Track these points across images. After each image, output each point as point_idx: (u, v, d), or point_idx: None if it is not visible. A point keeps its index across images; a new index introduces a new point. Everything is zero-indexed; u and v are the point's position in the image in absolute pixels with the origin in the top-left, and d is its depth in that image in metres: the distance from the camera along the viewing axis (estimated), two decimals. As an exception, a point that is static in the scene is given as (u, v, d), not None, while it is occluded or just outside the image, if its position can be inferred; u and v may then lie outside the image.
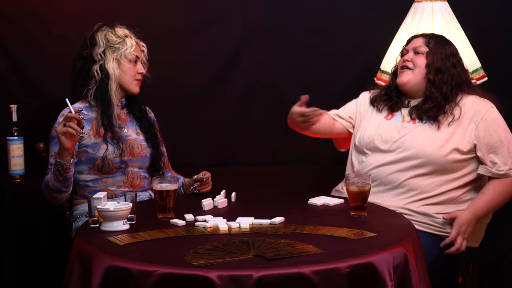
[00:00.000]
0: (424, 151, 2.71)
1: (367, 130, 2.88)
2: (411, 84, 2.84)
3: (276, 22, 3.57)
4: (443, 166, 2.70)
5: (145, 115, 2.97)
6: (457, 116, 2.74)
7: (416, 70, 2.83)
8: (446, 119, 2.75)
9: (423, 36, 2.89)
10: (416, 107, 2.82)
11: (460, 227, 2.65)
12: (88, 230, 2.32)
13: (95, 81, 2.81)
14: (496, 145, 2.71)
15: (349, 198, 2.49)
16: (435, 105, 2.76)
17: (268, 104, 3.62)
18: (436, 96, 2.77)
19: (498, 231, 3.45)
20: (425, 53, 2.83)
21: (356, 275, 1.95)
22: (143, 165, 2.90)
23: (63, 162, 2.58)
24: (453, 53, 2.85)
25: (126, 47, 2.83)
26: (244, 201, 2.71)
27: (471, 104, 2.77)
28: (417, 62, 2.83)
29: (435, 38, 2.88)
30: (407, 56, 2.87)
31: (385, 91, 2.95)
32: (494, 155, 2.71)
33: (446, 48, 2.85)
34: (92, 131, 2.79)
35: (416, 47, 2.86)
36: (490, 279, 3.56)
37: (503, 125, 2.76)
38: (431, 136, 2.73)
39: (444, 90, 2.77)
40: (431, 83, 2.79)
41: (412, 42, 2.90)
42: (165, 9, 3.51)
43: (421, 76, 2.82)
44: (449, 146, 2.70)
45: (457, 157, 2.70)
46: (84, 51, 2.83)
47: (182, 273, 1.90)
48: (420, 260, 2.19)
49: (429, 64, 2.80)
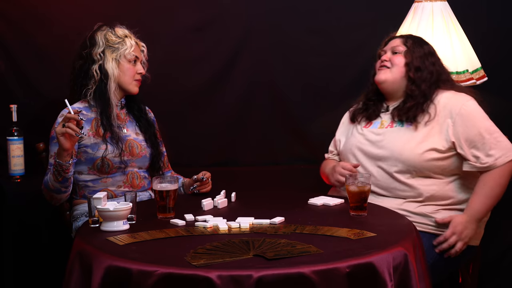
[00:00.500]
0: (402, 155, 2.70)
1: (347, 142, 2.90)
2: (390, 82, 2.83)
3: (276, 22, 3.57)
4: (423, 167, 2.69)
5: (144, 115, 2.97)
6: (433, 114, 2.73)
7: (394, 68, 2.82)
8: (423, 119, 2.74)
9: (400, 37, 2.90)
10: (397, 108, 2.81)
11: (455, 227, 2.64)
12: (88, 230, 2.32)
13: (95, 81, 2.81)
14: (475, 139, 2.67)
15: (349, 198, 2.49)
16: (415, 103, 2.75)
17: (268, 104, 3.62)
18: (416, 94, 2.76)
19: (497, 230, 3.46)
20: (403, 52, 2.83)
21: (356, 275, 1.95)
22: (142, 165, 2.90)
23: (62, 163, 2.58)
24: (431, 52, 2.85)
25: (126, 47, 2.83)
26: (244, 201, 2.71)
27: (445, 100, 2.75)
28: (395, 61, 2.82)
29: (412, 38, 2.88)
30: (384, 56, 2.86)
31: (364, 100, 2.94)
32: (475, 150, 2.68)
33: (424, 47, 2.85)
34: (92, 131, 2.79)
35: (394, 47, 2.85)
36: (490, 279, 3.56)
37: (480, 116, 2.72)
38: (407, 138, 2.73)
39: (423, 88, 2.76)
40: (411, 81, 2.79)
41: (390, 43, 2.89)
42: (165, 9, 3.51)
43: (400, 75, 2.81)
44: (425, 146, 2.69)
45: (436, 156, 2.69)
46: (84, 51, 2.83)
47: (182, 273, 1.90)
48: (420, 260, 2.19)
49: (408, 63, 2.80)
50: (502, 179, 2.69)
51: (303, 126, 3.62)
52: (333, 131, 3.09)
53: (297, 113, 3.63)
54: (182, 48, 3.55)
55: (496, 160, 2.67)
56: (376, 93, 2.90)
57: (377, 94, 2.90)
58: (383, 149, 2.76)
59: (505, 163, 2.67)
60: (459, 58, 3.20)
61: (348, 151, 2.87)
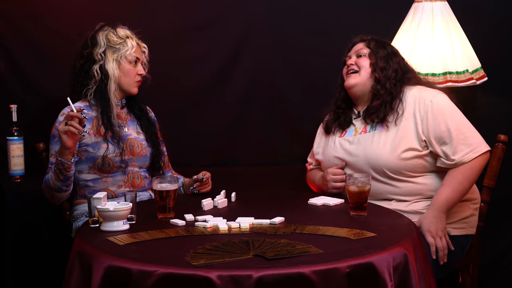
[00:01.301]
0: (379, 160, 2.70)
1: (324, 152, 2.91)
2: (360, 86, 2.83)
3: (276, 22, 3.57)
4: (403, 168, 2.69)
5: (145, 114, 2.97)
6: (401, 112, 2.74)
7: (362, 71, 2.83)
8: (393, 117, 2.74)
9: (361, 40, 2.91)
10: (366, 110, 2.82)
11: (430, 231, 2.63)
12: (88, 230, 2.32)
13: (95, 81, 2.81)
14: (443, 135, 2.67)
15: (349, 198, 2.49)
16: (381, 102, 2.75)
17: (268, 103, 3.62)
18: (382, 93, 2.77)
19: (497, 230, 3.46)
20: (367, 54, 2.84)
21: (356, 275, 1.95)
22: (143, 165, 2.90)
23: (64, 161, 2.58)
24: (394, 52, 2.87)
25: (127, 48, 2.83)
26: (244, 201, 2.71)
27: (413, 97, 2.75)
28: (361, 63, 2.84)
29: (375, 40, 2.89)
30: (350, 60, 2.87)
31: (334, 108, 2.94)
32: (443, 146, 2.67)
33: (387, 48, 2.87)
34: (93, 130, 2.79)
35: (358, 50, 2.87)
36: (490, 279, 3.56)
37: (448, 111, 2.71)
38: (383, 142, 2.73)
39: (388, 86, 2.77)
40: (376, 81, 2.80)
41: (354, 48, 2.91)
42: (165, 9, 3.51)
43: (367, 77, 2.82)
44: (402, 147, 2.69)
45: (414, 154, 2.69)
46: (85, 51, 2.83)
47: (182, 273, 1.90)
48: (420, 260, 2.19)
49: (373, 63, 2.81)
50: (471, 174, 2.67)
51: (303, 126, 3.62)
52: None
53: (297, 113, 3.63)
54: (182, 48, 3.55)
55: (463, 157, 2.66)
56: (345, 100, 2.91)
57: (346, 101, 2.91)
58: (361, 156, 2.76)
59: (472, 159, 2.66)
60: (459, 58, 3.20)
61: (327, 163, 2.89)
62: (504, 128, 3.06)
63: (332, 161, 2.86)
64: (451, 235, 2.74)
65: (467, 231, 2.79)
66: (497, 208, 3.00)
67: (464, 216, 2.78)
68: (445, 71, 3.19)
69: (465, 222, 2.78)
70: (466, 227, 2.79)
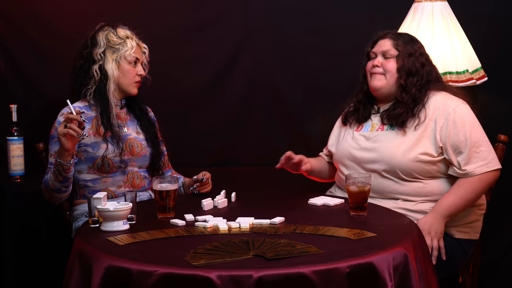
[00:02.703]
0: (393, 158, 2.70)
1: (339, 146, 2.90)
2: (385, 89, 2.80)
3: (276, 22, 3.57)
4: (414, 170, 2.69)
5: (145, 114, 2.97)
6: (423, 118, 2.71)
7: (388, 75, 2.79)
8: (412, 123, 2.72)
9: (390, 38, 2.83)
10: (387, 111, 2.80)
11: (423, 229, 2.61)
12: (88, 230, 2.32)
13: (95, 81, 2.81)
14: (460, 145, 2.67)
15: (349, 198, 2.49)
16: (405, 110, 2.73)
17: (269, 103, 3.62)
18: (406, 101, 2.74)
19: (497, 230, 3.46)
20: (395, 57, 2.79)
21: (356, 275, 1.95)
22: (142, 165, 2.90)
23: (63, 162, 2.58)
24: (422, 52, 2.82)
25: (126, 48, 2.82)
26: (244, 201, 2.71)
27: (437, 104, 2.73)
28: (387, 67, 2.79)
29: (403, 38, 2.82)
30: (376, 61, 2.82)
31: (355, 101, 2.92)
32: (458, 156, 2.68)
33: (415, 47, 2.81)
34: (92, 130, 2.79)
35: (385, 51, 2.80)
36: (490, 279, 3.56)
37: (469, 123, 2.70)
38: (399, 142, 2.72)
39: (413, 92, 2.74)
40: (402, 88, 2.76)
41: (380, 45, 2.84)
42: (165, 9, 3.51)
43: (393, 81, 2.78)
44: (417, 150, 2.68)
45: (427, 159, 2.69)
46: (85, 51, 2.83)
47: (182, 273, 1.90)
48: (420, 260, 2.19)
49: (400, 68, 2.77)
50: (478, 186, 2.68)
51: (303, 126, 3.62)
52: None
53: (297, 113, 3.63)
54: (183, 48, 3.55)
55: (475, 169, 2.67)
56: (367, 96, 2.89)
57: (367, 95, 2.89)
58: (374, 153, 2.75)
59: (483, 172, 2.67)
60: (459, 58, 3.20)
61: (340, 155, 2.88)
62: (504, 128, 3.06)
63: (345, 154, 2.84)
64: (455, 238, 2.74)
65: (471, 236, 2.79)
66: (497, 208, 2.99)
67: (469, 221, 2.78)
68: (445, 71, 3.19)
69: (469, 227, 2.78)
70: (470, 232, 2.78)
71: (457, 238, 2.74)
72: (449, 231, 2.72)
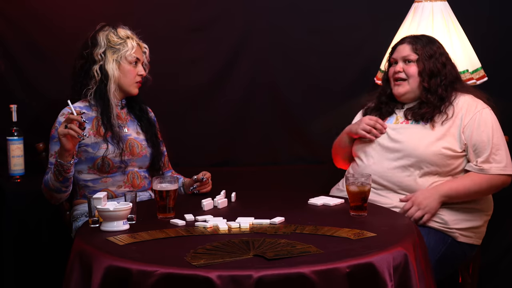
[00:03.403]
0: (417, 151, 2.72)
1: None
2: (410, 94, 2.85)
3: (276, 22, 3.57)
4: (435, 163, 2.71)
5: (146, 114, 2.97)
6: (451, 114, 2.76)
7: (410, 80, 2.82)
8: (440, 118, 2.76)
9: (408, 43, 2.86)
10: (412, 109, 2.83)
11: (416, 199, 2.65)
12: (88, 230, 2.32)
13: (95, 81, 2.81)
14: (482, 145, 2.71)
15: (349, 198, 2.49)
16: (432, 108, 2.77)
17: (269, 103, 3.62)
18: (432, 101, 2.78)
19: (497, 230, 3.46)
20: (415, 61, 2.82)
21: (356, 275, 1.95)
22: (143, 165, 2.90)
23: (63, 163, 2.58)
24: (441, 52, 2.86)
25: (127, 48, 2.82)
26: (244, 201, 2.71)
27: (464, 104, 2.78)
28: (409, 71, 2.82)
29: (421, 41, 2.86)
30: (398, 67, 2.85)
31: (377, 102, 2.94)
32: (477, 154, 2.72)
33: (434, 48, 2.84)
34: (92, 130, 2.79)
35: (405, 56, 2.84)
36: (490, 279, 3.56)
37: (494, 126, 2.76)
38: (423, 135, 2.75)
39: (440, 92, 2.79)
40: (426, 90, 2.80)
41: (399, 51, 2.87)
42: (164, 9, 3.51)
43: (416, 85, 2.82)
44: (441, 144, 2.72)
45: (450, 154, 2.72)
46: (85, 51, 2.83)
47: (182, 273, 1.90)
48: (420, 260, 2.19)
49: (421, 71, 2.80)
50: (485, 184, 2.71)
51: (304, 126, 3.62)
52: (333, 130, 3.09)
53: (297, 113, 3.62)
54: (183, 48, 3.55)
55: (490, 169, 2.71)
56: (389, 97, 2.91)
57: (390, 97, 2.91)
58: (398, 143, 2.77)
59: (496, 173, 2.70)
60: (459, 58, 3.20)
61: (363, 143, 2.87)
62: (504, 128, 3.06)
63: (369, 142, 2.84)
64: (458, 241, 2.74)
65: (473, 241, 2.80)
66: (497, 208, 2.99)
67: (474, 225, 2.78)
68: (445, 71, 3.19)
69: (474, 232, 2.78)
70: (473, 237, 2.79)
71: (459, 242, 2.74)
72: (452, 234, 2.73)
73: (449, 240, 2.72)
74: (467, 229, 2.76)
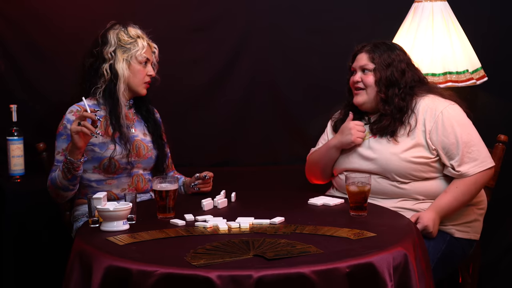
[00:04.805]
0: (390, 165, 2.69)
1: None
2: (369, 104, 2.79)
3: (276, 22, 3.57)
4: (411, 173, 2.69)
5: (152, 115, 2.95)
6: (413, 124, 2.71)
7: (368, 90, 2.77)
8: (404, 131, 2.72)
9: (366, 51, 2.80)
10: (374, 123, 2.79)
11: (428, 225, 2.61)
12: (88, 230, 2.32)
13: (104, 80, 2.77)
14: (451, 147, 2.67)
15: (349, 198, 2.49)
16: (391, 120, 2.72)
17: (269, 103, 3.62)
18: (389, 112, 2.73)
19: (497, 230, 3.46)
20: (372, 70, 2.77)
21: (356, 275, 1.95)
22: (147, 167, 2.89)
23: (73, 160, 2.56)
24: (400, 59, 2.78)
25: (137, 48, 2.79)
26: (244, 201, 2.71)
27: (425, 107, 2.72)
28: (367, 81, 2.77)
29: (378, 49, 2.79)
30: (356, 77, 2.80)
31: (343, 113, 2.90)
32: (451, 157, 2.68)
33: (392, 56, 2.77)
34: (101, 129, 2.76)
35: (363, 66, 2.79)
36: (490, 279, 3.56)
37: (459, 123, 2.70)
38: (392, 150, 2.71)
39: (396, 102, 2.72)
40: (383, 101, 2.75)
41: (357, 60, 2.82)
42: (165, 9, 3.51)
43: (374, 94, 2.77)
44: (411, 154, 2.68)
45: (424, 161, 2.69)
46: (95, 49, 2.79)
47: (182, 273, 1.90)
48: (420, 260, 2.19)
49: (378, 81, 2.75)
50: (474, 188, 2.69)
51: (304, 126, 3.62)
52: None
53: (297, 113, 3.63)
54: (183, 48, 3.55)
55: (468, 170, 2.67)
56: (355, 108, 2.86)
57: (355, 108, 2.86)
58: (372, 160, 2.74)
59: (476, 173, 2.67)
60: (459, 58, 3.21)
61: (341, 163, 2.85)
62: (504, 128, 3.06)
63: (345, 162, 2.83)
64: (455, 237, 2.74)
65: (470, 236, 2.79)
66: (497, 208, 2.99)
67: (468, 220, 2.78)
68: (445, 71, 3.19)
69: (469, 226, 2.78)
70: (470, 231, 2.78)
71: (456, 238, 2.75)
72: (448, 230, 2.73)
73: (448, 237, 2.72)
74: (461, 224, 2.76)
